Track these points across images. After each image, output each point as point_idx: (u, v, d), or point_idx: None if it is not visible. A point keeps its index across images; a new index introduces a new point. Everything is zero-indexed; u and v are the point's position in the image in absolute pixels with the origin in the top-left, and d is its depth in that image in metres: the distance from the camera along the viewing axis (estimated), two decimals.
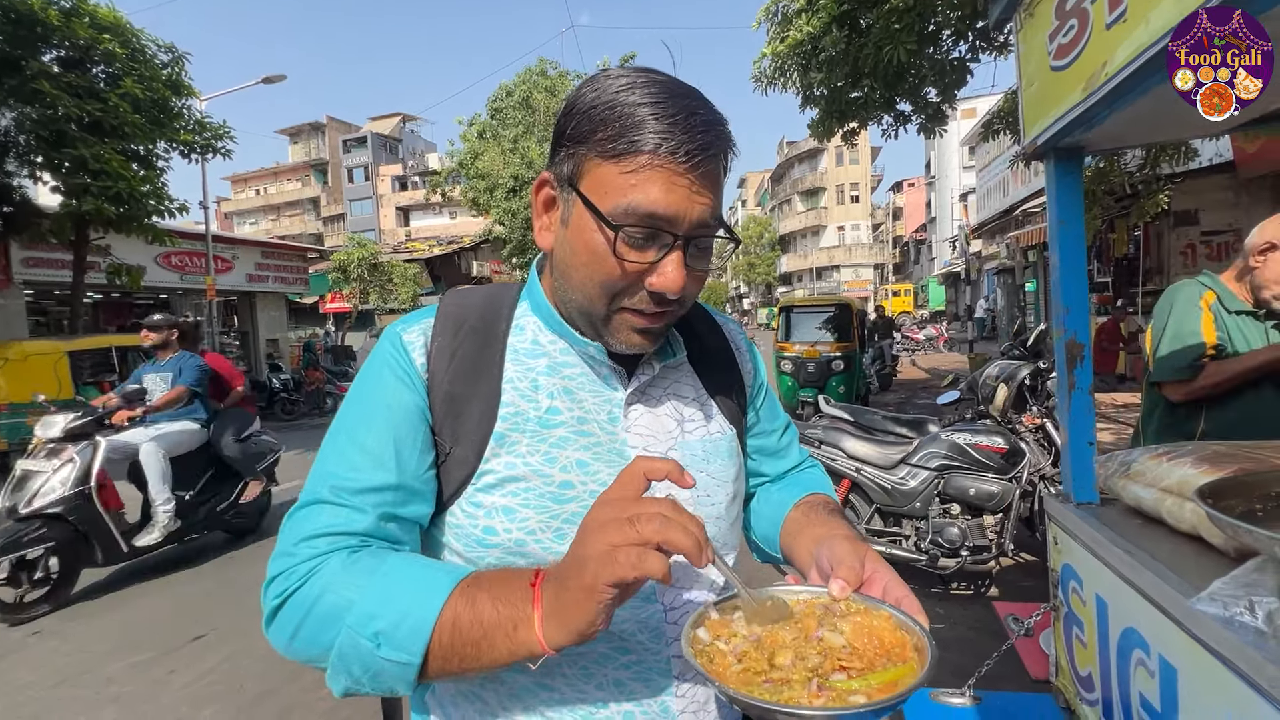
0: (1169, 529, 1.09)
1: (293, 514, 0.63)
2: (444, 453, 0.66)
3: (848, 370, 8.12)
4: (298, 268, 17.41)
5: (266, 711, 2.65)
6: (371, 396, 0.67)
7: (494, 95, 20.51)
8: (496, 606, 0.53)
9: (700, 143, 0.59)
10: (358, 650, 0.54)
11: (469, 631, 0.53)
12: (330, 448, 0.66)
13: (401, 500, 0.64)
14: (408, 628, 0.53)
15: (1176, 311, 1.84)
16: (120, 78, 8.83)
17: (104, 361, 9.53)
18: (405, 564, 0.58)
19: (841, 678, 0.48)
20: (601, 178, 0.60)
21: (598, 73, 0.65)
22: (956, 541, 3.25)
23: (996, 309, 21.58)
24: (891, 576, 0.59)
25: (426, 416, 0.67)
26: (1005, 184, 17.68)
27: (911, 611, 0.54)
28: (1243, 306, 1.80)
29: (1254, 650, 0.69)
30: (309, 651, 0.58)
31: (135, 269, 10.70)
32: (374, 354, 0.71)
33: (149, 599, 3.92)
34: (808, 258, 48.96)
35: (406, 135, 50.98)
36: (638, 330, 0.65)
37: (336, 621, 0.55)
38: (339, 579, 0.57)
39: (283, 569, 0.59)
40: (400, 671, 0.54)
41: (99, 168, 8.50)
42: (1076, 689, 1.24)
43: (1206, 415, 1.78)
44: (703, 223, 0.61)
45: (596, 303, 0.64)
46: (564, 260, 0.66)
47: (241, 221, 50.74)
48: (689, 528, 0.49)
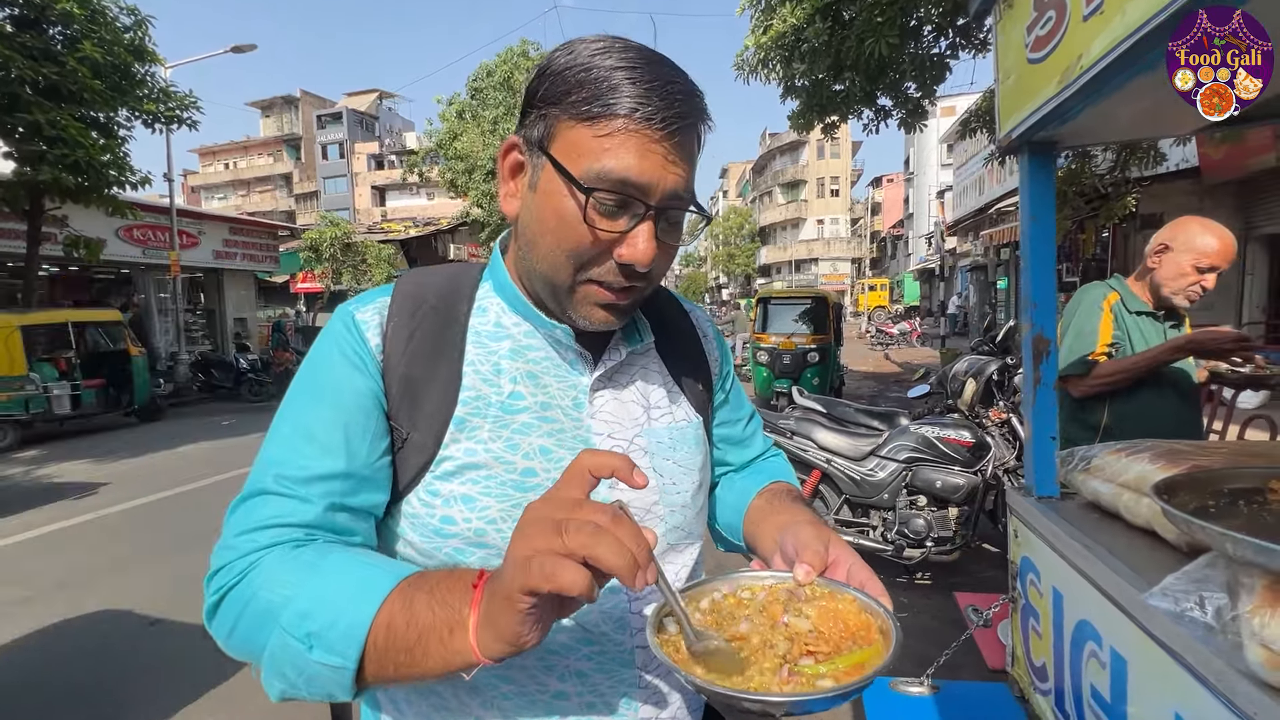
0: (1126, 523, 1.11)
1: (237, 505, 0.60)
2: (400, 438, 0.63)
3: (822, 362, 8.21)
4: (268, 245, 16.97)
5: (221, 698, 2.60)
6: (319, 380, 0.64)
7: (474, 75, 20.15)
8: (433, 608, 0.49)
9: (677, 110, 0.57)
10: (289, 652, 0.51)
11: (403, 635, 0.49)
12: (275, 434, 0.62)
13: (351, 489, 0.61)
14: (341, 629, 0.50)
15: (1080, 312, 1.95)
16: (79, 40, 8.45)
17: (61, 337, 9.20)
18: (346, 561, 0.55)
19: (809, 662, 0.48)
20: (574, 140, 0.58)
21: (572, 40, 0.62)
22: (922, 532, 3.31)
23: (969, 305, 22.01)
24: (855, 560, 0.59)
25: (381, 401, 0.63)
26: (981, 182, 17.96)
27: (875, 594, 0.54)
28: (1142, 307, 1.91)
29: (1202, 645, 0.70)
30: (246, 650, 0.55)
31: (94, 242, 10.30)
32: (324, 334, 0.67)
33: (103, 585, 3.78)
34: (787, 250, 49.25)
35: (384, 113, 49.75)
36: (603, 305, 0.63)
37: (272, 621, 0.52)
38: (276, 575, 0.54)
39: (223, 563, 0.57)
40: (334, 676, 0.50)
41: (56, 134, 8.15)
42: (1031, 679, 1.26)
43: (1109, 409, 1.88)
44: (675, 194, 0.59)
45: (561, 272, 0.62)
46: (530, 227, 0.63)
47: (209, 196, 49.15)
48: (624, 543, 0.43)
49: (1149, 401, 1.83)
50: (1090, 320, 1.91)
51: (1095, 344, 1.87)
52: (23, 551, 4.37)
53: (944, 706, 1.34)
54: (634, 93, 0.56)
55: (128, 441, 8.36)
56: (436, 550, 0.62)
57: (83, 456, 7.49)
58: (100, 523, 4.96)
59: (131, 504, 5.42)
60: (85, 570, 3.98)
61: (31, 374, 8.25)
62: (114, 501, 5.48)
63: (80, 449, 8.01)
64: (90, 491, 5.86)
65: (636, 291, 0.64)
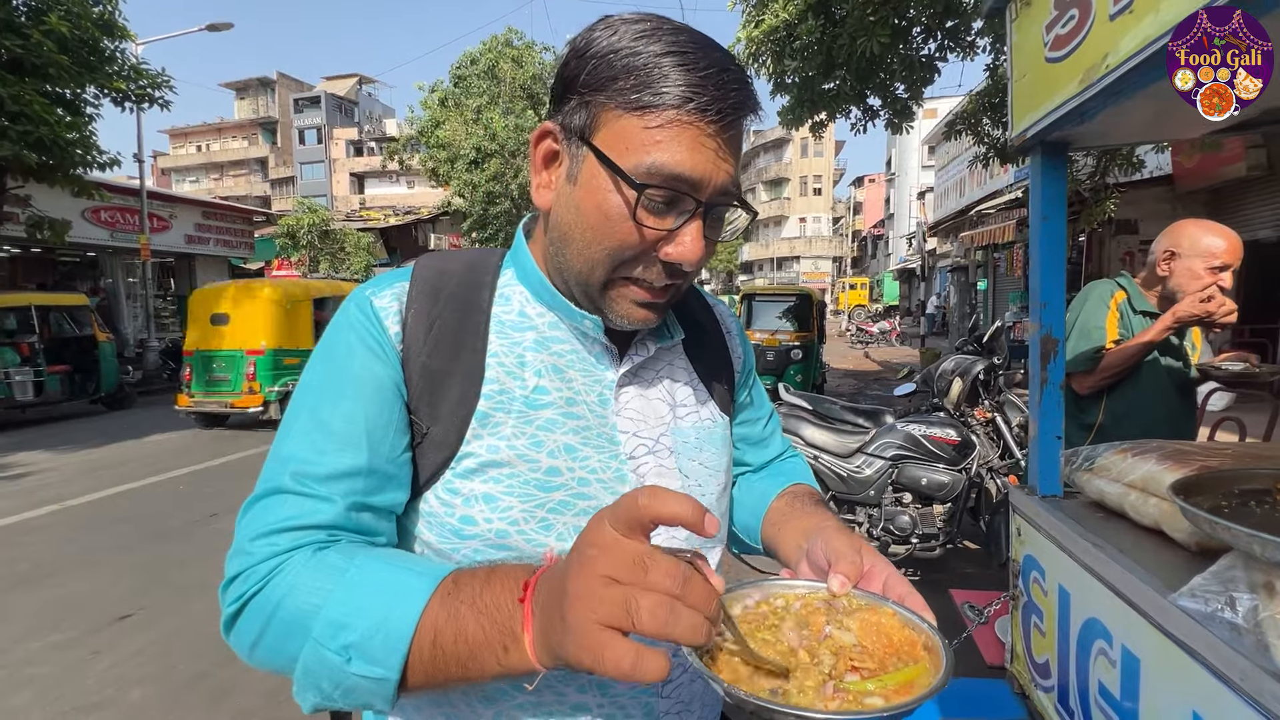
0: (1130, 523, 1.12)
1: (250, 505, 0.56)
2: (420, 433, 0.60)
3: (806, 360, 8.25)
4: (242, 231, 16.57)
5: (201, 694, 2.52)
6: (338, 369, 0.60)
7: (458, 62, 19.86)
8: (481, 623, 0.47)
9: (733, 101, 0.54)
10: (326, 665, 0.48)
11: (453, 650, 0.47)
12: (290, 428, 0.58)
13: (374, 487, 0.57)
14: (381, 640, 0.47)
15: (1086, 308, 1.97)
16: (44, 12, 8.10)
17: (24, 321, 8.88)
18: (376, 564, 0.52)
19: (854, 678, 0.45)
20: (621, 131, 0.54)
21: (608, 16, 0.58)
22: (907, 529, 3.35)
23: (948, 306, 22.36)
24: (890, 571, 0.57)
25: (402, 392, 0.60)
26: (963, 184, 18.22)
27: (917, 609, 0.52)
28: (1148, 308, 1.93)
29: (1225, 645, 0.71)
30: (274, 662, 0.52)
31: (59, 223, 9.92)
32: (338, 320, 0.62)
33: (68, 578, 3.66)
34: (769, 247, 49.54)
35: (363, 98, 48.75)
36: (641, 304, 0.60)
37: (301, 631, 0.49)
38: (302, 582, 0.51)
39: (240, 569, 0.53)
40: (376, 688, 0.48)
41: (18, 110, 7.81)
42: (1032, 675, 1.27)
43: (1105, 408, 1.91)
44: (724, 189, 0.57)
45: (598, 270, 0.59)
46: (566, 222, 0.59)
47: (181, 179, 47.79)
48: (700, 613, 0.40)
49: (1144, 401, 1.85)
50: (1096, 316, 1.92)
51: (1104, 339, 1.88)
52: None
53: (944, 702, 1.35)
54: (687, 81, 0.53)
55: (94, 430, 8.10)
56: (454, 551, 0.59)
57: (46, 446, 7.23)
58: (66, 514, 4.79)
59: (98, 495, 5.25)
60: (50, 564, 3.85)
61: None
62: (80, 492, 5.30)
63: (44, 437, 7.74)
64: (54, 481, 5.66)
65: (675, 289, 0.61)
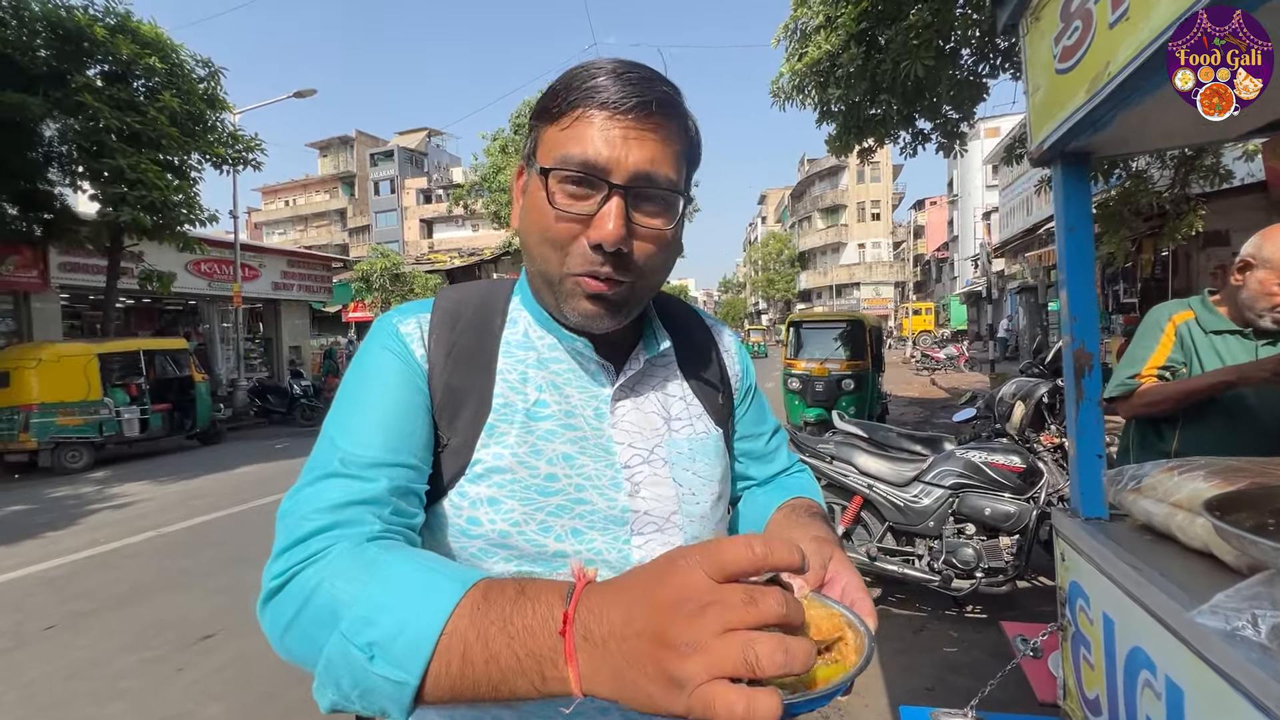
0: (1181, 545, 1.04)
1: (296, 492, 0.58)
2: (441, 444, 0.66)
3: (859, 390, 7.73)
4: (322, 277, 17.76)
5: (271, 711, 2.66)
6: (377, 376, 0.66)
7: (517, 111, 20.87)
8: (514, 650, 0.43)
9: (636, 91, 0.60)
10: (348, 660, 0.46)
11: (482, 670, 0.44)
12: (334, 425, 0.63)
13: (415, 477, 0.62)
14: (405, 641, 0.45)
15: (1139, 331, 1.86)
16: (159, 91, 9.19)
17: (133, 365, 9.80)
18: (406, 561, 0.51)
19: None
20: (546, 141, 0.64)
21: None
22: (971, 562, 3.16)
23: (1019, 329, 21.21)
24: (852, 578, 0.57)
25: (429, 405, 0.66)
26: (1029, 202, 17.44)
27: (862, 613, 0.52)
28: (1223, 326, 1.75)
29: (1259, 669, 0.66)
30: (300, 650, 0.50)
31: (166, 275, 11.02)
32: (371, 340, 0.69)
33: (161, 599, 3.96)
34: (828, 274, 48.70)
35: (432, 149, 52.00)
36: (590, 297, 0.64)
37: (332, 620, 0.48)
38: (340, 568, 0.50)
39: (289, 542, 0.54)
40: (394, 692, 0.45)
41: (136, 177, 8.82)
42: (1084, 713, 1.19)
43: (1180, 434, 1.76)
44: (643, 173, 0.61)
45: (550, 265, 0.65)
46: (523, 231, 0.68)
47: (271, 231, 51.95)
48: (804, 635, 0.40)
49: (1224, 426, 1.68)
50: (1145, 341, 1.82)
51: (1141, 367, 1.78)
52: (89, 565, 4.61)
53: None
54: (594, 86, 0.61)
55: (190, 463, 8.80)
56: (461, 550, 0.64)
57: (148, 477, 7.90)
58: (162, 539, 5.21)
59: (191, 522, 5.67)
60: (146, 585, 4.18)
61: (106, 399, 8.81)
62: (175, 520, 5.75)
63: (145, 470, 8.45)
64: (152, 510, 6.17)
65: (625, 285, 0.64)
